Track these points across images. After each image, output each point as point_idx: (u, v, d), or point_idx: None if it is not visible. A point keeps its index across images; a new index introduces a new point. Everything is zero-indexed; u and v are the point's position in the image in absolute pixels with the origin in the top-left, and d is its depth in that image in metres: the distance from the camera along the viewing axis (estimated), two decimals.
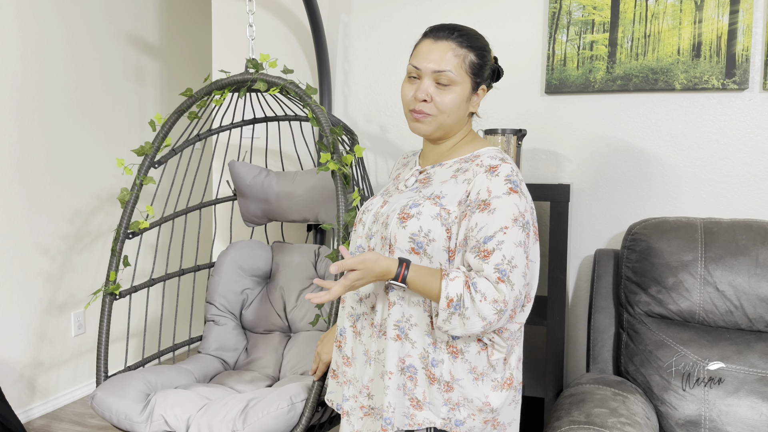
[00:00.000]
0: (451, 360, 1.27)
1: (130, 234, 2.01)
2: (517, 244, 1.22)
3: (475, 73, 1.32)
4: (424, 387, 1.28)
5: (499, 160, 1.30)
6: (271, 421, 1.59)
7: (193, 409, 1.69)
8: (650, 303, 1.81)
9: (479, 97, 1.36)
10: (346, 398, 1.40)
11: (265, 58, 1.96)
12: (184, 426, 1.67)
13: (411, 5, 2.31)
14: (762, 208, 1.97)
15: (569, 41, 2.09)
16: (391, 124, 2.38)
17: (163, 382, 1.88)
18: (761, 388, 1.64)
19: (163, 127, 2.02)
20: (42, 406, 2.98)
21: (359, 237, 1.41)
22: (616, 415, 1.54)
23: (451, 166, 1.36)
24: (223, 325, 2.16)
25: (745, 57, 1.93)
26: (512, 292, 1.20)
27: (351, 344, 1.40)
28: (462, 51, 1.31)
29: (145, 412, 1.72)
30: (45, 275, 2.98)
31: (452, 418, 1.28)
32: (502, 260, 1.21)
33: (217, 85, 1.96)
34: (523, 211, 1.25)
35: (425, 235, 1.26)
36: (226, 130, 2.19)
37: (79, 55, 3.10)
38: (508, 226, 1.22)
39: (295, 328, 2.16)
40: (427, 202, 1.29)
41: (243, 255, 2.21)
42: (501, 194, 1.24)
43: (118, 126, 3.37)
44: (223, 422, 1.62)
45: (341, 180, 1.73)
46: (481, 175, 1.28)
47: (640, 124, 2.07)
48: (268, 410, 1.60)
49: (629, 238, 1.88)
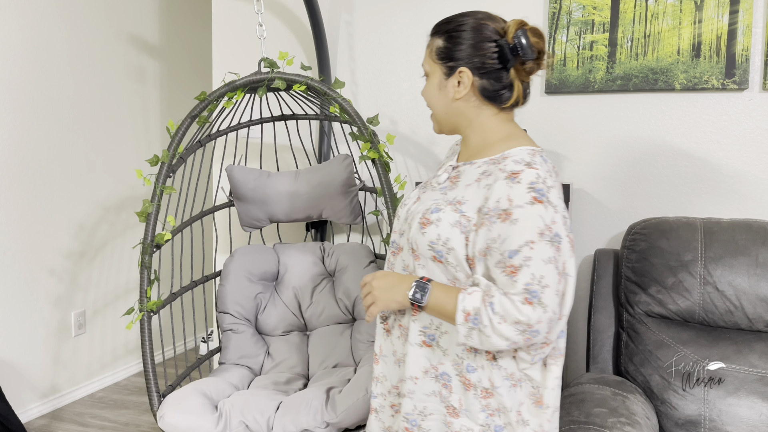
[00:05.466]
0: (491, 366, 1.22)
1: (155, 247, 1.94)
2: (547, 261, 1.12)
3: (443, 57, 1.26)
4: (459, 394, 1.24)
5: (524, 164, 1.17)
6: (362, 405, 1.64)
7: (269, 410, 1.68)
8: (650, 303, 1.81)
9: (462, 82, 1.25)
10: (375, 395, 1.38)
11: (284, 56, 1.93)
12: (266, 428, 1.66)
13: (411, 5, 2.31)
14: (762, 208, 1.97)
15: (569, 41, 2.09)
16: (391, 124, 2.38)
17: (218, 393, 1.86)
18: (761, 388, 1.64)
19: (177, 133, 1.96)
20: (42, 406, 2.98)
21: (394, 232, 1.37)
22: (615, 414, 1.54)
23: (479, 166, 1.26)
24: (242, 332, 2.14)
25: (744, 57, 1.93)
26: (545, 314, 1.11)
27: (380, 341, 1.37)
28: (431, 41, 1.29)
29: (222, 422, 1.70)
30: (45, 275, 2.98)
31: (491, 425, 1.23)
32: (532, 279, 1.12)
33: (231, 86, 1.91)
34: (549, 224, 1.13)
35: (444, 244, 1.20)
36: (224, 134, 2.18)
37: (79, 56, 3.11)
38: (534, 241, 1.12)
39: (312, 325, 2.17)
40: (448, 208, 1.22)
41: (250, 260, 2.18)
42: (523, 204, 1.14)
43: (119, 126, 3.37)
44: (309, 415, 1.64)
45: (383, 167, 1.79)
46: (500, 182, 1.17)
47: (640, 124, 2.07)
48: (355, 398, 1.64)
49: (629, 238, 1.88)
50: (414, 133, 2.35)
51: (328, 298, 2.15)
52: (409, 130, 2.35)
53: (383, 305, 1.26)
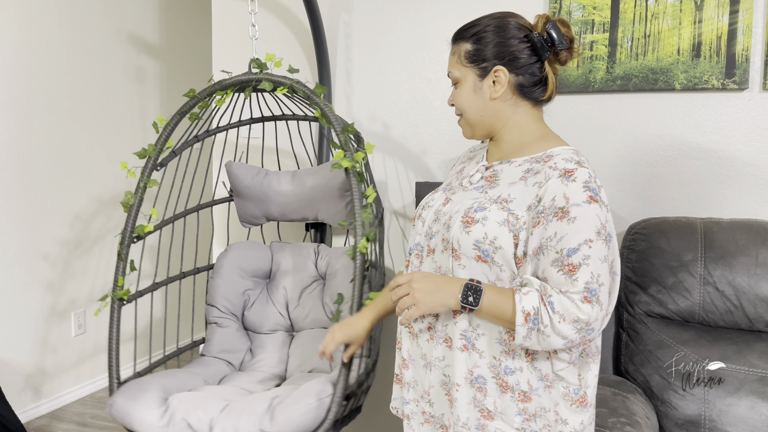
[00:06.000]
0: (530, 368, 1.21)
1: (135, 238, 1.99)
2: (602, 260, 1.14)
3: (474, 60, 1.27)
4: (494, 397, 1.22)
5: (575, 163, 1.18)
6: (300, 417, 1.58)
7: (214, 410, 1.68)
8: (650, 303, 1.81)
9: (499, 80, 1.26)
10: (407, 402, 1.34)
11: (271, 57, 1.94)
12: (207, 428, 1.65)
13: (411, 5, 2.31)
14: (762, 208, 1.97)
15: None
16: (392, 124, 2.38)
17: (177, 386, 1.86)
18: (761, 388, 1.64)
19: (165, 129, 2.00)
20: (42, 406, 2.98)
21: (418, 234, 1.33)
22: (615, 414, 1.54)
23: (520, 165, 1.25)
24: (226, 327, 2.16)
25: (745, 57, 1.93)
26: (600, 312, 1.13)
27: (407, 346, 1.34)
28: (456, 47, 1.30)
29: (166, 417, 1.70)
30: (46, 275, 2.98)
31: (527, 429, 1.21)
32: (591, 278, 1.12)
33: (220, 85, 1.94)
34: (604, 223, 1.16)
35: (491, 243, 1.18)
36: (223, 131, 2.19)
37: (79, 55, 3.10)
38: (592, 239, 1.13)
39: (298, 326, 2.16)
40: (494, 207, 1.20)
41: (243, 256, 2.20)
42: (581, 202, 1.14)
43: (118, 126, 3.37)
44: (249, 421, 1.61)
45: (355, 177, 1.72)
46: (555, 180, 1.17)
47: (640, 124, 2.07)
48: (297, 407, 1.59)
49: (629, 237, 1.88)
50: (414, 133, 2.35)
51: (316, 301, 2.14)
52: (410, 130, 2.35)
53: (427, 309, 1.21)
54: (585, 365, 1.25)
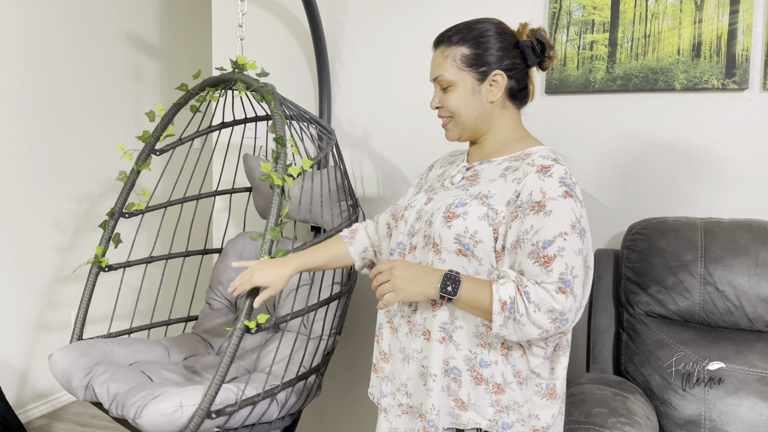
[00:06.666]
0: (504, 362, 1.24)
1: (125, 213, 2.11)
2: (577, 253, 1.18)
3: (472, 64, 1.30)
4: (468, 389, 1.26)
5: (551, 160, 1.24)
6: (158, 418, 1.61)
7: (124, 387, 1.76)
8: (650, 303, 1.81)
9: (495, 85, 1.30)
10: (384, 395, 1.38)
11: (243, 59, 1.96)
12: (109, 400, 1.76)
13: (410, 6, 2.31)
14: (762, 208, 1.97)
15: (569, 41, 2.09)
16: (391, 124, 2.38)
17: (126, 355, 1.96)
18: (761, 388, 1.64)
19: (163, 119, 2.09)
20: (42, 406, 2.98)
21: (401, 233, 1.37)
22: (616, 414, 1.54)
23: (500, 163, 1.31)
24: (217, 309, 2.23)
25: (745, 57, 1.93)
26: (574, 303, 1.17)
27: (388, 340, 1.38)
28: (450, 50, 1.31)
29: (85, 380, 1.82)
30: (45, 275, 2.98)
31: (499, 421, 1.24)
32: (566, 269, 1.16)
33: (208, 82, 2.02)
34: (579, 217, 1.20)
35: (471, 236, 1.22)
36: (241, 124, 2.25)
37: (79, 55, 3.10)
38: (567, 232, 1.17)
39: (281, 325, 2.16)
40: (474, 202, 1.25)
41: (247, 245, 2.27)
42: (556, 196, 1.19)
43: (118, 125, 3.37)
44: (132, 407, 1.67)
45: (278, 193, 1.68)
46: (532, 176, 1.22)
47: (640, 124, 2.07)
48: (158, 407, 1.62)
49: (629, 238, 1.88)
50: (414, 133, 2.34)
51: (300, 304, 2.12)
52: (410, 130, 2.35)
53: (406, 296, 1.24)
54: (555, 358, 1.29)
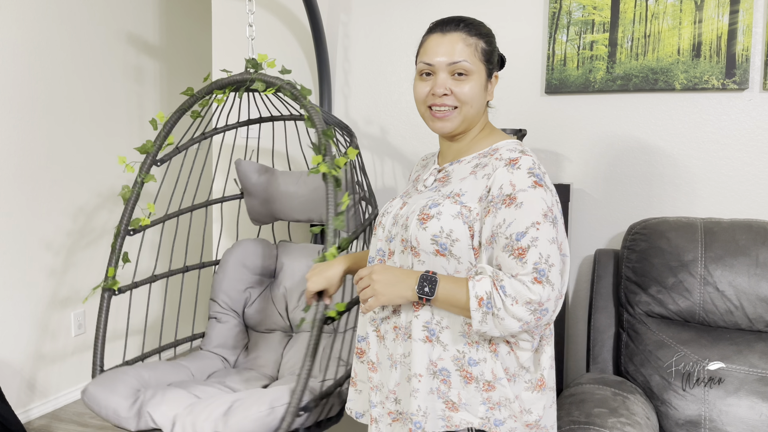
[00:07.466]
0: (493, 358, 1.23)
1: (131, 231, 2.02)
2: (551, 241, 1.17)
3: (488, 59, 1.31)
4: (459, 389, 1.25)
5: (519, 152, 1.24)
6: (249, 424, 1.57)
7: (180, 407, 1.69)
8: (650, 303, 1.81)
9: (493, 84, 1.34)
10: (374, 405, 1.36)
11: (263, 58, 1.95)
12: (170, 424, 1.66)
13: (411, 5, 2.31)
14: (762, 208, 1.97)
15: (569, 41, 2.09)
16: (391, 124, 2.38)
17: (157, 378, 1.88)
18: (761, 388, 1.64)
19: (165, 126, 2.03)
20: (42, 406, 2.98)
21: (379, 240, 1.37)
22: (616, 415, 1.54)
23: (469, 161, 1.31)
24: (225, 322, 2.17)
25: (745, 57, 1.93)
26: (552, 292, 1.16)
27: (375, 349, 1.36)
28: (472, 39, 1.29)
29: (134, 409, 1.72)
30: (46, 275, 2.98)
31: (491, 418, 1.24)
32: (540, 258, 1.15)
33: (217, 84, 1.96)
34: (550, 206, 1.19)
35: (447, 236, 1.22)
36: (232, 128, 2.20)
37: (79, 55, 3.10)
38: (539, 222, 1.17)
39: (296, 328, 2.16)
40: (447, 201, 1.24)
41: (248, 253, 2.21)
42: (526, 188, 1.19)
43: (118, 126, 3.37)
44: (206, 422, 1.61)
45: (332, 183, 1.70)
46: (501, 169, 1.22)
47: (640, 125, 2.07)
48: (247, 413, 1.58)
49: (629, 238, 1.88)
50: (414, 133, 2.34)
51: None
52: (410, 130, 2.35)
53: (386, 300, 1.24)
54: (540, 348, 1.28)
